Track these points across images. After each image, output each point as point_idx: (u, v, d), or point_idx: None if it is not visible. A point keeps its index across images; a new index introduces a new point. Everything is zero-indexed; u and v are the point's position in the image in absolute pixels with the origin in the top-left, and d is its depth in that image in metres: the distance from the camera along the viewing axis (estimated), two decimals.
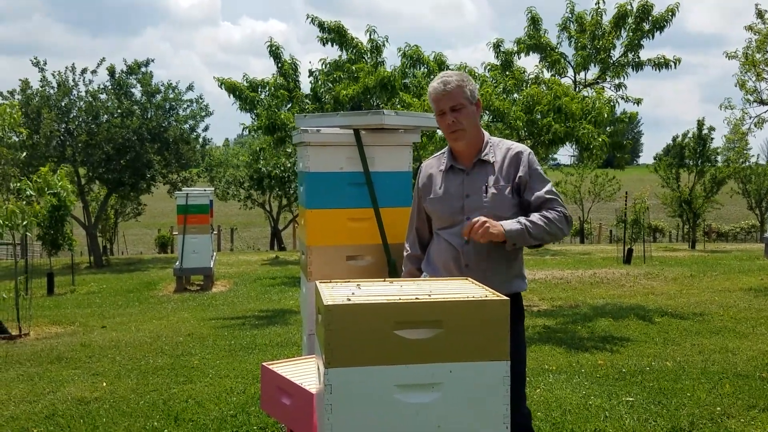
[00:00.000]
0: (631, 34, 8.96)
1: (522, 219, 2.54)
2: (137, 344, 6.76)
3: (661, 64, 9.05)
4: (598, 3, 9.16)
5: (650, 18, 8.85)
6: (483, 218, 2.48)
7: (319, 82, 9.94)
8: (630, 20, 8.97)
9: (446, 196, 2.67)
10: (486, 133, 2.75)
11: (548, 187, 2.65)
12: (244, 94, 9.44)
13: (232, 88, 9.43)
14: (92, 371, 5.68)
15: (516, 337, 2.65)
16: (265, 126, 9.21)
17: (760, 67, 13.47)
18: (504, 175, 2.63)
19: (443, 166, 2.73)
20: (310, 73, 10.15)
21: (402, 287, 2.16)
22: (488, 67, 9.17)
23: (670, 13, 8.78)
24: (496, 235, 2.46)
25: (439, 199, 2.69)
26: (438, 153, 2.83)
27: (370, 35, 9.45)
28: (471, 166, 2.67)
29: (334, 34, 9.36)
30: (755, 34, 13.14)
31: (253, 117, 9.63)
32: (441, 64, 9.07)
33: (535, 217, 2.55)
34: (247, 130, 10.05)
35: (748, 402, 4.35)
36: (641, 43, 9.03)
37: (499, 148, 2.69)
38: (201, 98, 18.74)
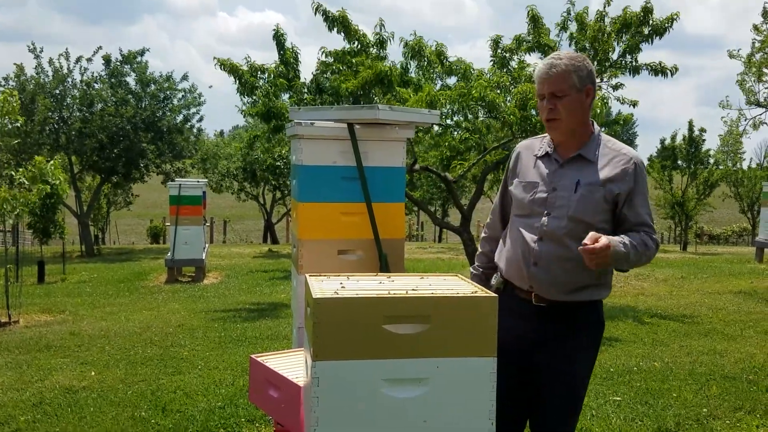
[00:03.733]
0: (630, 38, 8.97)
1: (627, 242, 2.25)
2: (127, 334, 6.74)
3: (658, 70, 9.05)
4: (605, 5, 9.15)
5: (650, 23, 8.85)
6: (607, 241, 2.16)
7: (322, 73, 9.83)
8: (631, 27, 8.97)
9: (533, 183, 2.42)
10: (596, 127, 2.45)
11: (648, 208, 2.39)
12: (244, 77, 9.37)
13: (232, 70, 9.35)
14: (81, 360, 5.67)
15: (573, 354, 2.36)
16: (262, 113, 9.15)
17: (762, 69, 13.51)
18: (602, 177, 2.32)
19: (539, 152, 2.47)
20: (317, 65, 10.04)
21: (392, 282, 2.16)
22: (490, 62, 9.16)
23: (670, 20, 8.79)
24: (607, 265, 2.23)
25: (526, 185, 2.45)
26: (540, 135, 2.57)
27: (379, 29, 9.40)
28: (567, 160, 2.39)
29: (338, 24, 9.29)
30: (759, 34, 13.17)
31: (248, 103, 9.55)
32: (440, 55, 9.03)
33: (637, 242, 2.28)
34: (244, 115, 9.93)
35: (734, 404, 4.38)
36: (640, 47, 9.03)
37: (608, 148, 2.40)
38: (194, 87, 18.67)
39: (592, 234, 2.18)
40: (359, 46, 9.29)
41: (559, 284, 2.33)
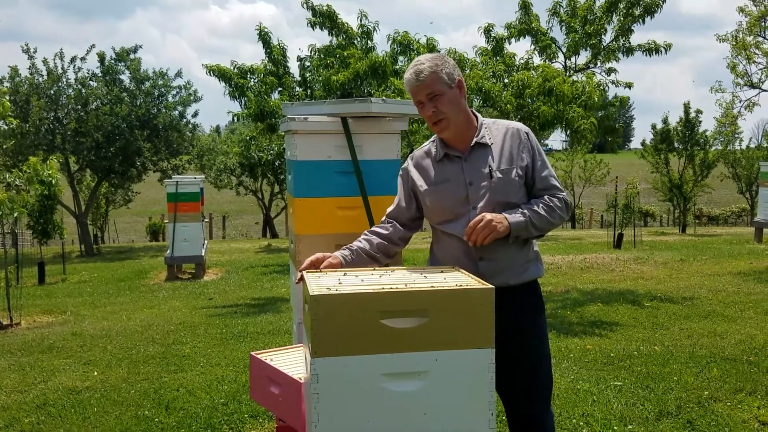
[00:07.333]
0: (621, 18, 8.96)
1: (525, 210, 2.35)
2: (128, 333, 6.76)
3: (652, 49, 9.05)
4: None
5: (641, 3, 8.85)
6: (487, 215, 2.27)
7: (308, 70, 9.89)
8: (621, 5, 8.96)
9: (446, 186, 2.42)
10: (479, 115, 2.52)
11: (550, 169, 2.47)
12: (233, 80, 9.38)
13: (221, 74, 9.35)
14: (83, 360, 5.69)
15: (539, 331, 2.50)
16: (254, 113, 9.16)
17: (751, 50, 13.53)
18: (506, 157, 2.40)
19: (438, 156, 2.47)
20: (299, 59, 10.08)
21: (388, 276, 2.17)
22: (479, 52, 9.15)
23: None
24: (501, 233, 2.27)
25: (439, 190, 2.43)
26: (428, 142, 2.56)
27: (360, 20, 9.39)
28: (468, 152, 2.43)
29: (325, 19, 9.30)
30: (746, 16, 13.18)
31: (242, 105, 9.55)
32: (431, 50, 9.03)
33: (538, 206, 2.37)
34: (236, 118, 9.96)
35: (735, 386, 4.39)
36: (632, 28, 9.02)
37: (496, 128, 2.47)
38: (189, 84, 18.63)
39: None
40: (346, 38, 9.30)
41: (509, 267, 2.39)
